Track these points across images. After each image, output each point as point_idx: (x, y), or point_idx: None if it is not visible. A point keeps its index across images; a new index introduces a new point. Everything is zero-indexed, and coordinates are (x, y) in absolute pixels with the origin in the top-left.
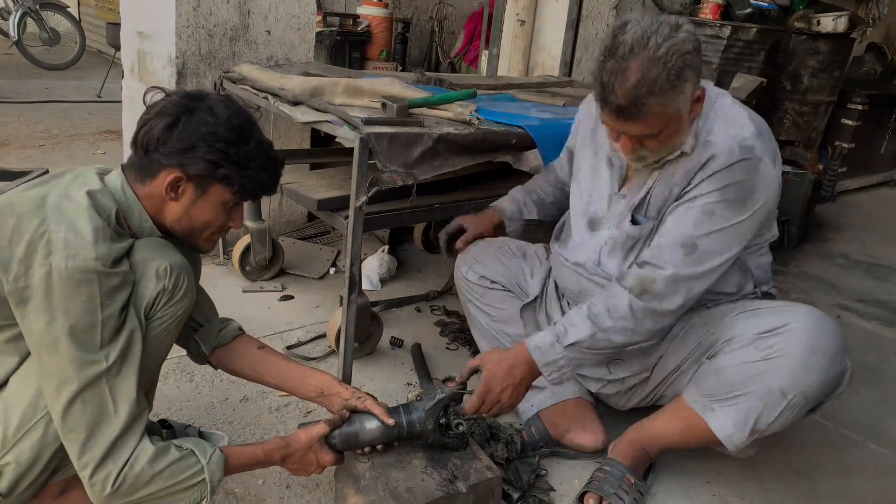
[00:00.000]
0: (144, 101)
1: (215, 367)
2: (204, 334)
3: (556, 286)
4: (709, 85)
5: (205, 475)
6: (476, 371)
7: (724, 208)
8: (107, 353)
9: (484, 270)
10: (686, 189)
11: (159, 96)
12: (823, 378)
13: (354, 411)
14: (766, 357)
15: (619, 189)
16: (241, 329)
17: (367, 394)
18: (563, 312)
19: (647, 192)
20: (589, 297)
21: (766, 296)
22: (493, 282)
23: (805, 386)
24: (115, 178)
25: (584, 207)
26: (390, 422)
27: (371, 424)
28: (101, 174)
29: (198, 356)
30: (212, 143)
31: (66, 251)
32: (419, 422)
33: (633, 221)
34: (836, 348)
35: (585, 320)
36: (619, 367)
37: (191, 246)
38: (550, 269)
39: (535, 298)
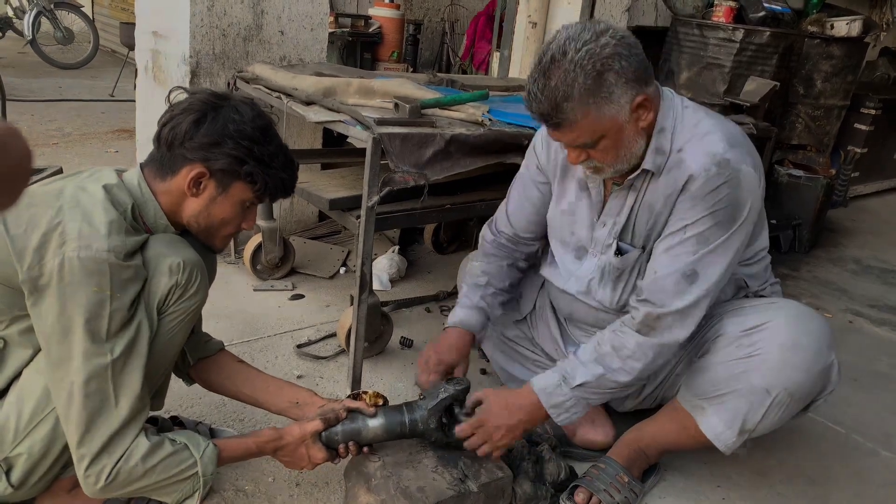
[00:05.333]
0: (168, 101)
1: (191, 382)
2: (192, 343)
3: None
4: (668, 93)
5: (198, 469)
6: (477, 403)
7: (716, 231)
8: (112, 345)
9: None
10: (671, 215)
11: (183, 96)
12: (806, 374)
13: (349, 410)
14: (748, 355)
15: (599, 216)
16: (223, 344)
17: (364, 392)
18: (559, 324)
19: (628, 217)
20: (580, 319)
21: (759, 296)
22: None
23: (787, 382)
24: (133, 174)
25: (569, 238)
26: (371, 410)
27: (373, 422)
28: (120, 171)
29: (179, 367)
30: (238, 140)
31: (80, 242)
32: (421, 420)
33: (619, 251)
34: (818, 344)
35: (593, 363)
36: None
37: (205, 244)
38: (543, 283)
39: (526, 316)
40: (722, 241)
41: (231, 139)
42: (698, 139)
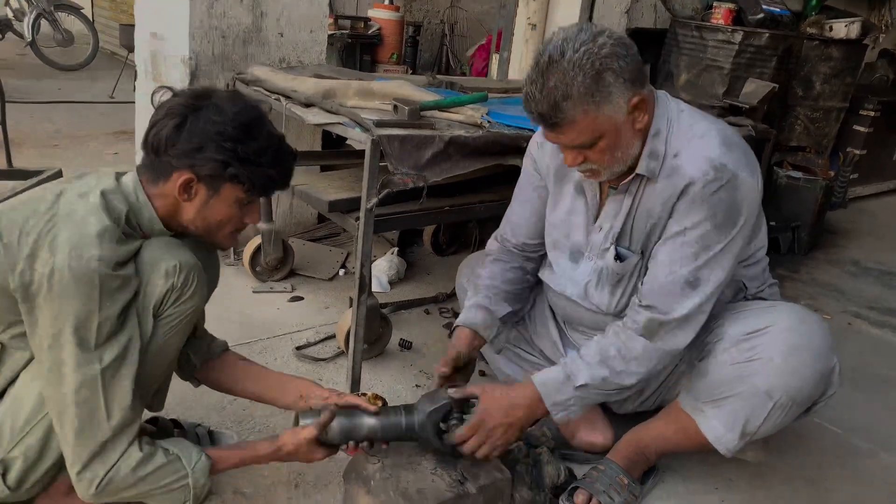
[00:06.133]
0: (153, 102)
1: (198, 384)
2: (195, 346)
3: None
4: (663, 97)
5: (188, 480)
6: (472, 397)
7: (716, 234)
8: (101, 354)
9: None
10: (670, 219)
11: (167, 96)
12: (807, 378)
13: (343, 406)
14: (749, 358)
15: (595, 220)
16: (227, 345)
17: (363, 394)
18: (558, 327)
19: (625, 222)
20: (578, 322)
21: (758, 298)
22: None
23: (789, 386)
24: (129, 179)
25: (563, 241)
26: (372, 408)
27: (370, 421)
28: (119, 175)
29: (186, 369)
30: (219, 143)
31: (71, 250)
32: (419, 424)
33: (618, 256)
34: (820, 347)
35: (598, 364)
36: None
37: (210, 244)
38: (541, 284)
39: (523, 318)
40: (722, 245)
41: (212, 142)
42: (694, 143)
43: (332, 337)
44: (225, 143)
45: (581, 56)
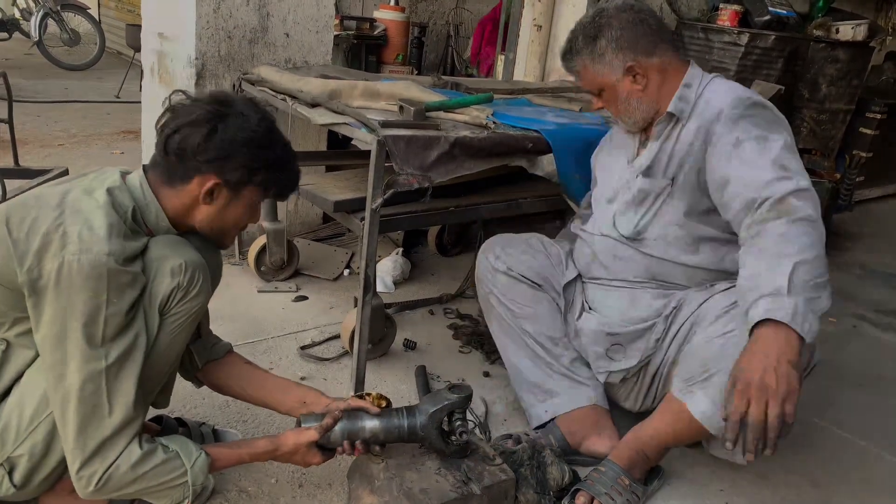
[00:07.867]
0: (167, 103)
1: (199, 384)
2: (199, 347)
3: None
4: (696, 66)
5: (187, 478)
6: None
7: (767, 130)
8: (107, 350)
9: (511, 262)
10: (711, 146)
11: (177, 98)
12: None
13: (346, 410)
14: (729, 331)
15: (633, 160)
16: (231, 346)
17: (367, 394)
18: (583, 308)
19: (658, 154)
20: (599, 259)
21: None
22: (521, 275)
23: None
24: (135, 177)
25: (607, 190)
26: (374, 409)
27: (372, 424)
28: (124, 173)
29: (188, 369)
30: (249, 149)
31: (80, 245)
32: (421, 427)
33: (646, 175)
34: None
35: (776, 263)
36: (618, 353)
37: (215, 243)
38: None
39: (574, 280)
40: (778, 137)
41: (243, 147)
42: (725, 87)
43: (337, 337)
44: (254, 149)
45: (590, 17)
